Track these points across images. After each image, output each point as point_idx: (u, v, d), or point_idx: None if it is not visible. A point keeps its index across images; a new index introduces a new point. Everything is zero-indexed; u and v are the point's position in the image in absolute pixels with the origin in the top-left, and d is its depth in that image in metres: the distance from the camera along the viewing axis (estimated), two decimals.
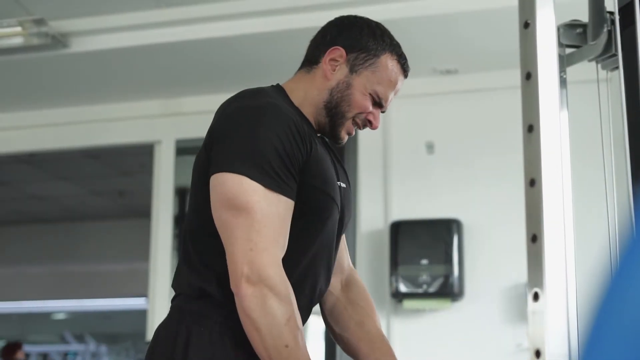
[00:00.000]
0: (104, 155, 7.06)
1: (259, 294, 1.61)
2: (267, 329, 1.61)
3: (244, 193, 1.65)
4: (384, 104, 1.92)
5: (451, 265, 4.56)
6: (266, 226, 1.65)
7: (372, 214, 4.83)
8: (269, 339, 1.61)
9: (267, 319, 1.61)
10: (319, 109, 1.89)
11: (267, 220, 1.65)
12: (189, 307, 1.75)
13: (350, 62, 1.88)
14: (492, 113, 4.79)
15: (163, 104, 5.30)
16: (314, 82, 1.90)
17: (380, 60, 1.89)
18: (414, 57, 4.64)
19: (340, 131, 1.91)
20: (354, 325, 2.01)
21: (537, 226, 1.25)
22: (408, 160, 4.89)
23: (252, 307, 1.61)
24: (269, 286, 1.61)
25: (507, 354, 4.42)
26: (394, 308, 4.70)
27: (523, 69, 1.32)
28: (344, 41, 1.90)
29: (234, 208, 1.66)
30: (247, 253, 1.62)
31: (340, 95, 1.88)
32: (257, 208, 1.65)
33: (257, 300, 1.61)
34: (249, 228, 1.63)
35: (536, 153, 1.27)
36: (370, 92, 1.88)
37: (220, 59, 4.64)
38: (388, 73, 1.90)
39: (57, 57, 4.66)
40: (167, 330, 1.76)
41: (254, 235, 1.63)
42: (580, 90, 2.06)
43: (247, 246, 1.63)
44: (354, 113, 1.89)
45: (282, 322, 1.61)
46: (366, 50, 1.89)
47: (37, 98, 5.43)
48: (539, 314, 1.23)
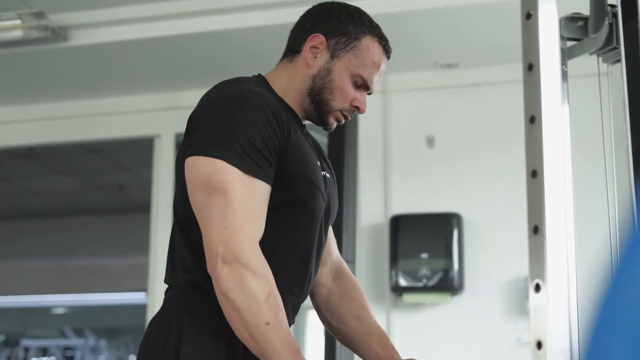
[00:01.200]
0: (104, 150, 7.06)
1: (236, 273, 1.58)
2: (246, 308, 1.58)
3: (219, 173, 1.65)
4: (370, 85, 1.92)
5: (451, 259, 4.56)
6: (241, 206, 1.63)
7: (372, 208, 4.83)
8: (249, 317, 1.58)
9: (245, 298, 1.58)
10: (303, 96, 1.90)
11: (242, 200, 1.64)
12: (181, 300, 1.76)
13: (331, 48, 1.89)
14: (493, 107, 4.79)
15: (163, 98, 5.29)
16: (297, 71, 1.91)
17: (362, 43, 1.90)
18: (415, 51, 4.67)
19: (328, 118, 1.92)
20: (351, 318, 2.00)
21: (539, 217, 1.25)
22: (408, 154, 4.89)
23: (229, 286, 1.59)
24: (245, 265, 1.59)
25: (507, 349, 4.42)
26: (393, 302, 4.70)
27: (525, 60, 1.32)
28: (324, 28, 1.91)
29: (209, 189, 1.65)
30: (222, 232, 1.61)
31: (322, 82, 1.89)
32: (231, 188, 1.64)
33: (234, 280, 1.58)
34: (224, 208, 1.62)
35: (538, 144, 1.27)
36: (354, 75, 1.89)
37: (221, 52, 4.63)
38: (370, 55, 1.91)
39: (56, 50, 4.65)
40: (159, 324, 1.76)
41: (229, 215, 1.62)
42: (581, 84, 2.05)
43: (221, 226, 1.61)
44: (338, 102, 1.89)
45: (261, 300, 1.59)
46: (346, 34, 1.90)
47: (36, 91, 5.42)
48: (541, 305, 1.23)
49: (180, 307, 1.75)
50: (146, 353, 1.75)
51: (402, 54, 4.61)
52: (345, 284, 2.05)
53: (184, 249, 1.78)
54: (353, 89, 1.90)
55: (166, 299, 1.81)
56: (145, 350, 1.75)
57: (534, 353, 1.24)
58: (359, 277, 4.56)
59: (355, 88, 1.91)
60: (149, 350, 1.74)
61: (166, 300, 1.81)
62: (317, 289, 2.03)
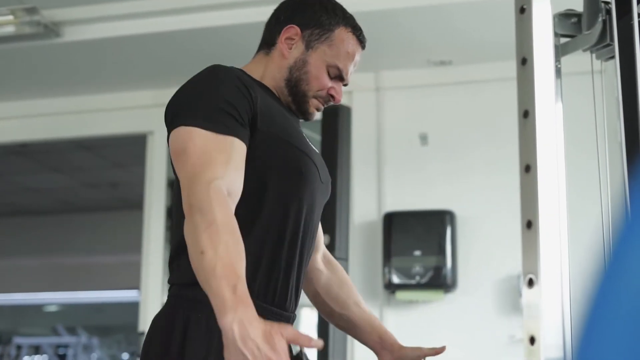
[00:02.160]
0: (97, 147, 7.05)
1: (189, 218, 1.55)
2: (190, 241, 1.55)
3: (182, 138, 1.67)
4: (344, 76, 1.94)
5: (444, 256, 4.56)
6: (198, 157, 1.62)
7: (366, 205, 4.83)
8: (191, 249, 1.54)
9: (190, 233, 1.54)
10: (281, 87, 1.92)
11: (200, 151, 1.63)
12: (185, 294, 1.73)
13: (305, 39, 1.92)
14: (487, 105, 4.79)
15: (156, 94, 5.27)
16: (273, 62, 1.93)
17: (335, 34, 1.93)
18: (409, 49, 4.67)
19: (307, 108, 1.94)
20: (353, 304, 2.08)
21: (532, 212, 1.25)
22: (402, 151, 4.89)
23: (185, 232, 1.56)
24: (197, 206, 1.55)
25: (500, 346, 4.43)
26: (386, 299, 4.70)
27: (519, 54, 1.31)
28: (298, 19, 1.93)
29: (176, 155, 1.67)
30: (187, 186, 1.59)
31: (299, 73, 1.91)
32: (191, 145, 1.64)
33: (187, 223, 1.56)
34: (186, 165, 1.63)
35: (531, 139, 1.27)
36: (328, 66, 1.91)
37: (214, 48, 4.62)
38: (345, 45, 1.93)
39: (49, 46, 4.64)
40: (164, 319, 1.73)
41: (189, 168, 1.61)
42: (575, 82, 2.06)
43: (188, 181, 1.60)
44: (314, 91, 1.92)
45: (200, 230, 1.52)
46: (320, 25, 1.92)
47: (28, 88, 5.40)
48: (534, 300, 1.23)
49: (185, 302, 1.72)
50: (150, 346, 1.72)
51: (396, 52, 4.61)
52: (339, 271, 2.12)
53: (183, 239, 1.77)
54: (328, 79, 1.92)
55: (170, 294, 1.79)
56: (149, 342, 1.73)
57: (527, 348, 1.24)
58: (352, 274, 4.56)
59: (331, 78, 1.93)
60: (153, 343, 1.72)
61: (171, 295, 1.78)
62: (315, 275, 2.06)
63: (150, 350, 1.72)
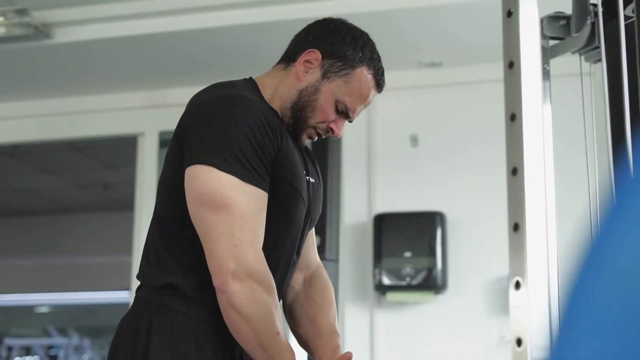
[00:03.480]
0: (88, 148, 7.03)
1: (248, 289, 1.63)
2: (259, 320, 1.64)
3: (223, 188, 1.65)
4: (350, 115, 1.91)
5: (435, 258, 4.57)
6: (248, 221, 1.65)
7: (356, 207, 4.83)
8: (262, 328, 1.64)
9: (258, 311, 1.63)
10: (286, 108, 1.89)
11: (248, 215, 1.66)
12: (152, 298, 1.76)
13: (324, 68, 1.88)
14: (477, 106, 4.80)
15: (147, 96, 5.27)
16: (287, 80, 1.90)
17: (355, 72, 1.89)
18: (399, 50, 4.67)
19: (301, 134, 1.90)
20: (306, 320, 1.95)
21: (519, 214, 1.25)
22: (392, 153, 4.89)
23: (242, 302, 1.63)
24: (258, 280, 1.64)
25: (491, 347, 4.43)
26: (377, 301, 4.70)
27: (506, 58, 1.32)
28: (324, 45, 1.89)
29: (213, 204, 1.66)
30: (232, 249, 1.63)
31: (307, 99, 1.87)
32: (237, 203, 1.65)
33: (246, 295, 1.63)
34: (231, 224, 1.64)
35: (518, 142, 1.27)
36: (337, 100, 1.88)
37: (205, 50, 4.62)
38: (360, 86, 1.89)
39: (40, 47, 4.62)
40: (130, 321, 1.77)
41: (237, 232, 1.64)
42: (565, 84, 2.06)
43: (231, 242, 1.63)
44: (317, 121, 1.88)
45: (272, 312, 1.65)
46: (343, 59, 1.88)
47: (19, 89, 5.39)
48: (521, 302, 1.24)
49: (151, 304, 1.75)
50: (117, 349, 1.76)
51: (386, 53, 4.59)
52: (313, 287, 2.01)
53: (164, 250, 1.78)
54: (334, 112, 1.89)
55: (137, 296, 1.82)
56: (116, 346, 1.77)
57: (514, 351, 1.25)
58: (343, 275, 4.56)
59: (337, 112, 1.90)
60: (120, 347, 1.75)
61: (137, 297, 1.81)
62: (287, 291, 2.00)
63: (118, 349, 1.76)
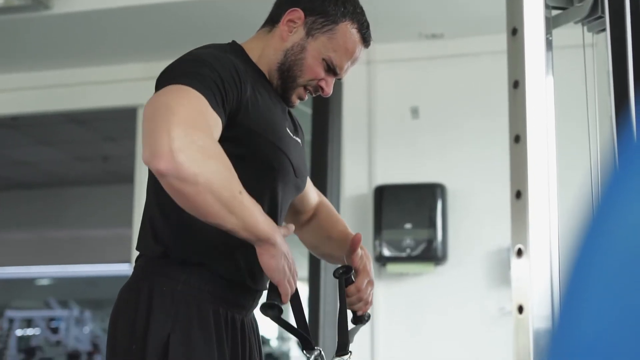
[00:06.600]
0: (88, 120, 7.02)
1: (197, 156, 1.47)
2: (218, 185, 1.49)
3: (169, 91, 1.57)
4: (338, 71, 1.90)
5: (435, 229, 4.57)
6: (186, 107, 1.52)
7: (357, 179, 4.83)
8: (225, 192, 1.50)
9: (215, 176, 1.49)
10: (273, 70, 1.87)
11: (189, 107, 1.53)
12: (151, 268, 1.75)
13: (307, 26, 1.87)
14: (478, 78, 4.78)
15: (147, 67, 5.24)
16: (271, 42, 1.89)
17: (339, 28, 1.87)
18: (400, 22, 4.65)
19: (291, 95, 1.90)
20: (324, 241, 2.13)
21: (522, 182, 1.25)
22: (393, 125, 4.88)
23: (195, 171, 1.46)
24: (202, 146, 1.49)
25: (490, 318, 4.45)
26: (377, 272, 4.71)
27: (509, 25, 1.31)
28: (305, 3, 1.88)
29: (156, 105, 1.54)
30: (166, 124, 1.47)
31: (294, 59, 1.86)
32: (179, 97, 1.54)
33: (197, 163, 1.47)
34: (168, 110, 1.51)
35: (521, 109, 1.27)
36: (324, 58, 1.87)
37: (207, 20, 4.60)
38: (345, 41, 1.88)
39: (39, 18, 4.60)
40: (130, 292, 1.75)
41: (174, 112, 1.50)
42: (567, 55, 2.05)
43: (166, 119, 1.48)
44: (306, 79, 1.87)
45: (227, 172, 1.52)
46: (325, 15, 1.87)
47: (18, 60, 5.36)
48: (522, 270, 1.24)
49: (151, 274, 1.74)
50: (117, 319, 1.74)
51: (387, 25, 4.59)
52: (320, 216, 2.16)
53: (159, 219, 1.76)
54: (323, 70, 1.88)
55: (137, 266, 1.80)
56: (116, 316, 1.74)
57: (515, 317, 1.25)
58: None
59: (325, 70, 1.88)
60: (120, 316, 1.73)
61: (137, 267, 1.80)
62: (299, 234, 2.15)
63: (117, 320, 1.74)
